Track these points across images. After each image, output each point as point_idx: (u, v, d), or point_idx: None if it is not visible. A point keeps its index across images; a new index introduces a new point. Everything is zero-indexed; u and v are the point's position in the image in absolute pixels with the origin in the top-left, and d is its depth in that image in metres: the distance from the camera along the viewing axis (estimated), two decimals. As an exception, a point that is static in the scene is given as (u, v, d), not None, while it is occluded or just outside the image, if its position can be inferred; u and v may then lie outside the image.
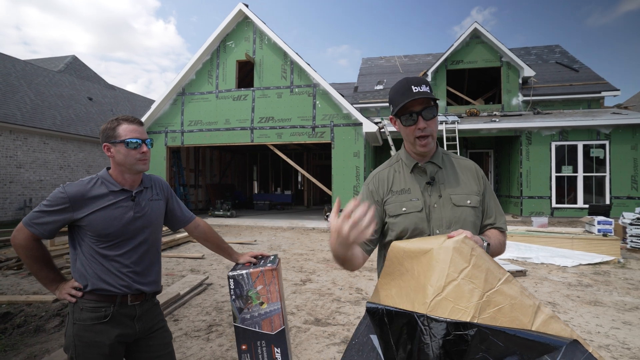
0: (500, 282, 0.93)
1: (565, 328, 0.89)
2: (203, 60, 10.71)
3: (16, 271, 4.95)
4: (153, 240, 1.43)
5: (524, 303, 0.91)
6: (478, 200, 1.19)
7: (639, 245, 6.29)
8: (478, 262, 0.94)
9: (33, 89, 12.77)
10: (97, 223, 1.28)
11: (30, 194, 11.22)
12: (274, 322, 1.47)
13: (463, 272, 0.94)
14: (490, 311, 0.91)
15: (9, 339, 2.87)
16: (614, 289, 4.26)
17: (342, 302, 3.80)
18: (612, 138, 9.65)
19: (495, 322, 0.89)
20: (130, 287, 1.33)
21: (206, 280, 4.50)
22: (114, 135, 1.32)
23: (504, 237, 1.21)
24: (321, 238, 8.12)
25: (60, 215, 1.25)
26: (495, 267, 0.95)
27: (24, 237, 1.25)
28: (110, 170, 1.38)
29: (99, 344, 1.26)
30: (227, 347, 2.77)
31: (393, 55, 17.65)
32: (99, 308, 1.28)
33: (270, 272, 1.47)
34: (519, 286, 0.93)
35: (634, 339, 2.91)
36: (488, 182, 1.25)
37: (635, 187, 9.49)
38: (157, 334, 1.42)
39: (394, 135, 10.59)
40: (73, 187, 1.27)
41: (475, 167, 1.26)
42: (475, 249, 0.96)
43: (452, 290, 0.94)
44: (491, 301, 0.91)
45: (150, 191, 1.45)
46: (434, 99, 1.14)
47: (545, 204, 9.94)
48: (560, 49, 14.96)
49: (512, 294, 0.91)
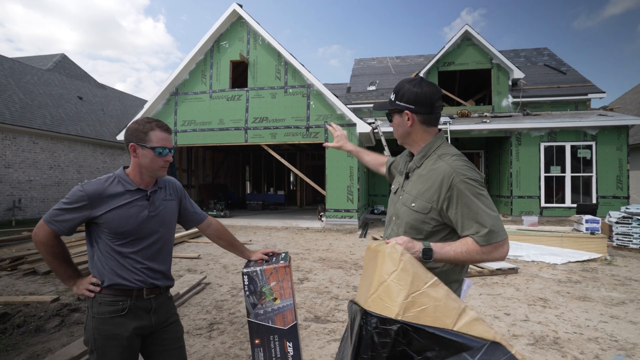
0: (427, 285, 1.03)
1: (489, 330, 0.98)
2: (196, 60, 10.67)
3: (10, 272, 4.89)
4: (166, 238, 1.47)
5: (449, 305, 1.00)
6: (427, 206, 1.22)
7: (624, 243, 6.50)
8: (406, 267, 1.05)
9: (22, 87, 12.54)
10: (114, 221, 1.32)
11: (19, 194, 11.03)
12: (286, 317, 1.52)
13: (392, 274, 1.06)
14: (415, 310, 1.01)
15: (10, 339, 2.86)
16: (601, 285, 4.42)
17: (340, 299, 3.87)
18: (599, 139, 9.93)
19: (418, 321, 1.00)
20: (145, 282, 1.37)
21: (204, 279, 4.52)
22: (145, 139, 1.35)
23: (476, 246, 1.13)
24: (316, 238, 8.18)
25: (79, 212, 1.29)
26: (422, 272, 1.05)
27: (45, 234, 1.29)
28: (129, 169, 1.41)
29: (118, 336, 1.31)
30: (230, 344, 2.81)
31: (385, 57, 17.80)
32: (117, 302, 1.32)
33: (283, 268, 1.53)
34: (445, 290, 1.03)
35: (621, 331, 3.04)
36: (462, 192, 1.15)
37: (621, 186, 9.77)
38: (171, 328, 1.47)
39: (387, 136, 10.71)
40: (91, 186, 1.31)
41: (447, 175, 1.19)
42: (404, 254, 1.07)
43: (383, 289, 1.07)
44: (416, 302, 1.02)
45: (164, 191, 1.49)
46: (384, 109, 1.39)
47: (534, 204, 10.16)
48: (548, 51, 15.29)
49: (437, 297, 1.02)
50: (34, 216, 11.51)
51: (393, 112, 1.34)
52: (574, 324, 3.22)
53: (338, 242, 7.59)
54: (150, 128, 1.36)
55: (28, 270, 4.78)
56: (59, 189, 12.38)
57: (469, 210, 1.15)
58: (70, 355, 2.37)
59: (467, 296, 4.00)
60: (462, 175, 1.16)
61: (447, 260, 1.16)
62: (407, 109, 1.28)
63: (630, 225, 6.43)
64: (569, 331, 3.05)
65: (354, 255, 6.22)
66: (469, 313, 1.00)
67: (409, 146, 1.38)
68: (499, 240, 1.13)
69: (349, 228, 9.40)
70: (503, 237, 1.14)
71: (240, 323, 3.23)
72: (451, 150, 1.27)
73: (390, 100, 1.33)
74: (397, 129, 1.35)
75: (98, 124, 14.76)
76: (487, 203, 1.16)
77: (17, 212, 10.93)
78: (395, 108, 1.32)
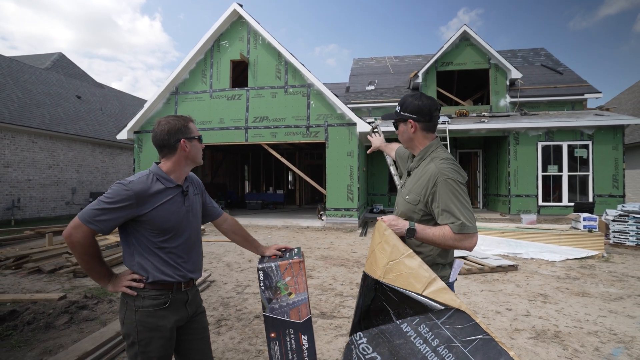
0: (403, 255, 1.28)
1: (454, 299, 1.16)
2: (197, 60, 10.69)
3: (14, 270, 4.91)
4: (197, 231, 1.53)
5: (420, 274, 1.23)
6: (416, 199, 1.47)
7: (621, 240, 6.61)
8: (387, 239, 1.34)
9: (20, 86, 12.49)
10: (159, 218, 1.33)
11: (18, 194, 11.00)
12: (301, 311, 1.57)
13: (378, 245, 1.37)
14: (392, 275, 1.28)
15: (21, 335, 2.90)
16: (599, 281, 4.51)
17: (344, 296, 3.93)
18: (595, 138, 10.05)
19: (394, 283, 1.27)
20: (185, 276, 1.42)
21: (209, 277, 4.57)
22: (189, 132, 1.41)
23: (451, 233, 1.33)
24: (316, 236, 8.24)
25: (125, 211, 1.28)
26: (400, 245, 1.31)
27: (83, 234, 1.25)
28: (165, 165, 1.42)
29: (162, 327, 1.35)
30: (239, 340, 2.86)
31: (384, 56, 17.88)
32: (159, 295, 1.36)
33: (298, 264, 1.57)
34: (418, 261, 1.26)
35: (619, 325, 3.12)
36: (442, 189, 1.38)
37: (616, 185, 9.90)
38: (199, 318, 1.53)
39: (387, 135, 10.78)
40: (137, 185, 1.30)
41: (434, 173, 1.42)
42: (387, 229, 1.36)
43: (373, 256, 1.39)
44: (394, 268, 1.28)
45: (192, 187, 1.54)
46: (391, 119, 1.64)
47: (532, 202, 10.28)
48: (545, 52, 15.43)
49: (411, 266, 1.25)
50: (33, 216, 11.49)
51: (399, 121, 1.60)
52: (573, 318, 3.30)
53: (339, 240, 7.65)
54: (186, 121, 1.43)
55: (33, 269, 4.80)
56: (58, 188, 12.35)
57: (445, 205, 1.37)
58: (83, 350, 2.41)
59: (468, 292, 4.08)
60: (444, 176, 1.40)
61: (426, 240, 1.38)
62: (411, 118, 1.55)
63: (626, 223, 6.54)
64: (569, 325, 3.13)
65: (355, 253, 6.29)
66: (438, 283, 1.19)
67: (412, 149, 1.63)
68: (469, 232, 1.34)
69: (349, 227, 9.46)
70: (473, 230, 1.35)
71: (247, 319, 3.28)
72: (442, 155, 1.50)
73: (396, 112, 1.60)
74: (402, 135, 1.61)
75: (97, 123, 14.73)
76: (462, 200, 1.37)
77: (16, 211, 10.90)
78: (400, 118, 1.58)
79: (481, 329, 1.10)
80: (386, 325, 1.27)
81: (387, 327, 1.26)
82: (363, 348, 1.30)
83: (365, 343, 1.31)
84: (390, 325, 1.25)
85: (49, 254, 5.24)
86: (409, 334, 1.20)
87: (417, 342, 1.18)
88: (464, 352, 1.10)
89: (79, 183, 13.26)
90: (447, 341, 1.13)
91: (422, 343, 1.17)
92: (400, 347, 1.21)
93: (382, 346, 1.25)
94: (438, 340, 1.15)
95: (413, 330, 1.20)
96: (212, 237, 8.10)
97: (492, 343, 1.08)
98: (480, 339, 1.10)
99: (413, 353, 1.17)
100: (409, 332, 1.20)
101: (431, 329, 1.17)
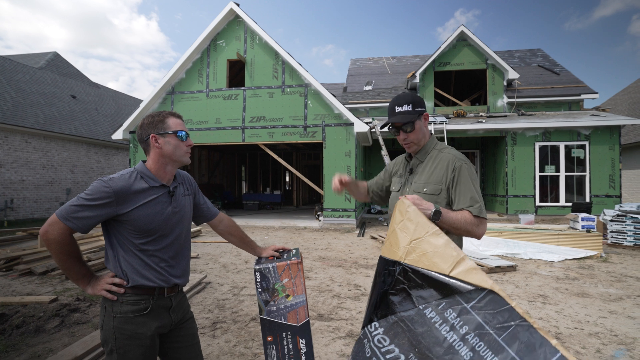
0: (428, 233, 1.16)
1: (486, 280, 1.02)
2: (193, 59, 10.60)
3: (5, 272, 4.81)
4: (185, 234, 1.44)
5: (447, 253, 1.10)
6: (437, 188, 1.46)
7: (619, 240, 6.60)
8: (410, 217, 1.22)
9: (13, 85, 12.35)
10: (140, 218, 1.26)
11: (11, 195, 10.85)
12: (299, 314, 1.51)
13: (400, 224, 1.25)
14: (415, 255, 1.16)
15: (9, 339, 2.81)
16: (598, 281, 4.48)
17: (342, 298, 3.87)
18: (592, 139, 10.06)
19: (417, 264, 1.14)
20: (168, 281, 1.34)
21: (204, 279, 4.49)
22: (164, 127, 1.33)
23: (471, 217, 1.37)
24: (314, 237, 8.17)
25: (103, 209, 1.22)
26: (425, 222, 1.19)
27: (59, 231, 1.19)
28: (149, 163, 1.36)
29: (141, 335, 1.27)
30: (234, 343, 2.79)
31: (381, 57, 17.86)
32: (139, 301, 1.28)
33: (296, 265, 1.51)
34: (445, 240, 1.12)
35: (620, 326, 3.09)
36: (463, 173, 1.43)
37: (613, 185, 9.92)
38: (187, 325, 1.45)
39: (385, 136, 10.75)
40: (117, 182, 1.24)
41: (451, 160, 1.47)
42: (410, 207, 1.24)
43: (392, 237, 1.26)
44: (417, 247, 1.16)
45: (182, 187, 1.46)
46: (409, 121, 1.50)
47: (529, 203, 10.27)
48: (542, 52, 15.47)
49: (437, 244, 1.12)
50: (27, 217, 11.34)
51: (414, 120, 1.52)
52: (574, 319, 3.26)
53: (337, 241, 7.59)
54: (165, 116, 1.35)
55: (24, 271, 4.71)
56: (52, 188, 12.21)
57: (466, 188, 1.41)
58: (73, 355, 2.34)
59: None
60: (462, 161, 1.46)
61: (449, 223, 1.34)
62: (425, 112, 1.55)
63: (624, 223, 6.53)
64: (570, 326, 3.09)
65: (353, 254, 6.23)
66: (467, 262, 1.06)
67: (418, 145, 1.58)
68: (484, 217, 1.39)
69: (347, 227, 9.41)
70: (486, 216, 1.40)
71: (243, 322, 3.21)
72: (447, 146, 1.56)
73: (409, 111, 1.52)
74: (419, 133, 1.55)
75: (92, 123, 14.59)
76: (477, 185, 1.44)
77: (9, 212, 10.76)
78: (418, 114, 1.53)
79: (517, 314, 0.95)
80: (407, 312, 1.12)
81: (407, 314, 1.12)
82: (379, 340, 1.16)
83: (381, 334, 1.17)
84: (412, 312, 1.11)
85: (41, 256, 5.14)
86: (433, 320, 1.06)
87: (442, 329, 1.04)
88: (497, 341, 0.95)
89: (74, 184, 13.12)
90: (477, 328, 0.98)
91: (449, 330, 1.02)
92: (423, 335, 1.06)
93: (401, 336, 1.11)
94: (467, 327, 1.00)
95: (438, 316, 1.06)
96: (209, 238, 8.02)
97: (531, 330, 0.92)
98: (516, 326, 0.94)
99: (438, 342, 1.03)
100: (434, 318, 1.06)
101: (459, 314, 1.02)
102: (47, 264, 4.87)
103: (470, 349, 0.97)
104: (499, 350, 0.93)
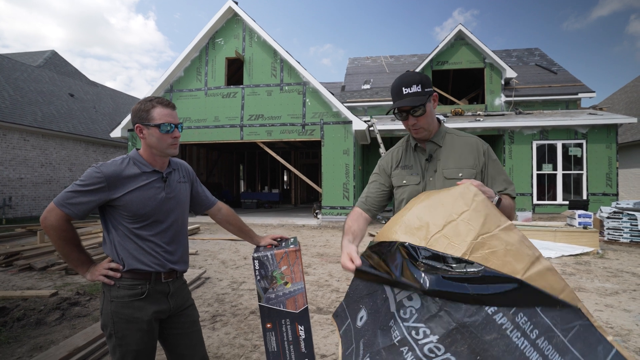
0: (499, 228, 0.98)
1: (559, 281, 0.93)
2: (191, 57, 10.61)
3: (5, 268, 4.82)
4: (182, 221, 1.46)
5: (521, 251, 0.95)
6: (472, 172, 1.34)
7: (615, 237, 6.65)
8: (478, 207, 1.02)
9: (11, 84, 12.31)
10: (133, 203, 1.28)
11: (9, 192, 10.83)
12: (297, 301, 1.53)
13: (463, 214, 1.03)
14: (483, 252, 0.96)
15: (10, 331, 2.83)
16: (594, 277, 4.52)
17: (340, 292, 3.90)
18: (589, 137, 10.13)
19: (485, 263, 0.95)
20: (164, 265, 1.35)
21: (204, 274, 4.51)
22: (148, 118, 1.31)
23: (513, 202, 1.33)
24: (312, 234, 8.20)
25: (96, 195, 1.24)
26: (496, 214, 1.01)
27: (56, 217, 1.22)
28: (141, 151, 1.38)
29: (138, 319, 1.29)
30: (234, 335, 2.82)
31: (379, 56, 17.89)
32: (136, 285, 1.30)
33: (294, 252, 1.53)
34: (519, 235, 0.97)
35: (615, 319, 3.13)
36: (492, 156, 1.38)
37: (610, 184, 9.98)
38: (187, 312, 1.47)
39: (383, 134, 10.78)
40: (108, 167, 1.27)
41: (477, 142, 1.39)
42: (478, 194, 1.04)
43: (451, 228, 1.02)
44: (486, 243, 0.97)
45: (178, 173, 1.47)
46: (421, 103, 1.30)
47: (527, 201, 10.33)
48: (539, 51, 15.54)
49: (510, 241, 0.96)
50: (25, 214, 11.32)
51: (425, 103, 1.32)
52: (570, 312, 3.29)
53: (335, 238, 7.62)
54: (151, 106, 1.32)
55: (24, 266, 4.72)
56: (50, 187, 12.19)
57: (498, 171, 1.37)
58: (75, 345, 2.36)
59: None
60: (485, 144, 1.40)
61: (503, 210, 1.22)
62: (434, 92, 1.37)
63: (620, 220, 6.58)
64: (566, 319, 3.13)
65: (352, 250, 6.26)
66: (543, 262, 0.95)
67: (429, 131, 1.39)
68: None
69: (345, 225, 9.43)
70: None
71: (243, 315, 3.24)
72: (455, 129, 1.46)
73: (418, 92, 1.31)
74: (429, 117, 1.35)
75: (90, 121, 14.57)
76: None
77: (8, 210, 10.74)
78: (428, 95, 1.33)
79: (582, 314, 0.92)
80: (471, 318, 0.96)
81: (472, 319, 0.96)
82: (430, 349, 0.96)
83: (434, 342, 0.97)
84: (479, 317, 0.96)
85: (41, 251, 5.15)
86: (504, 326, 0.94)
87: (514, 336, 0.93)
88: (563, 342, 0.90)
89: (72, 182, 13.10)
90: (547, 331, 0.92)
91: (520, 336, 0.92)
92: (492, 343, 0.94)
93: (460, 343, 0.96)
94: (537, 331, 0.92)
95: (510, 322, 0.94)
96: (207, 235, 8.04)
97: (592, 329, 0.90)
98: (579, 325, 0.92)
99: (509, 350, 0.92)
100: (505, 325, 0.95)
101: (530, 319, 0.93)
102: (46, 259, 4.88)
103: (540, 354, 0.91)
104: (565, 352, 0.90)
